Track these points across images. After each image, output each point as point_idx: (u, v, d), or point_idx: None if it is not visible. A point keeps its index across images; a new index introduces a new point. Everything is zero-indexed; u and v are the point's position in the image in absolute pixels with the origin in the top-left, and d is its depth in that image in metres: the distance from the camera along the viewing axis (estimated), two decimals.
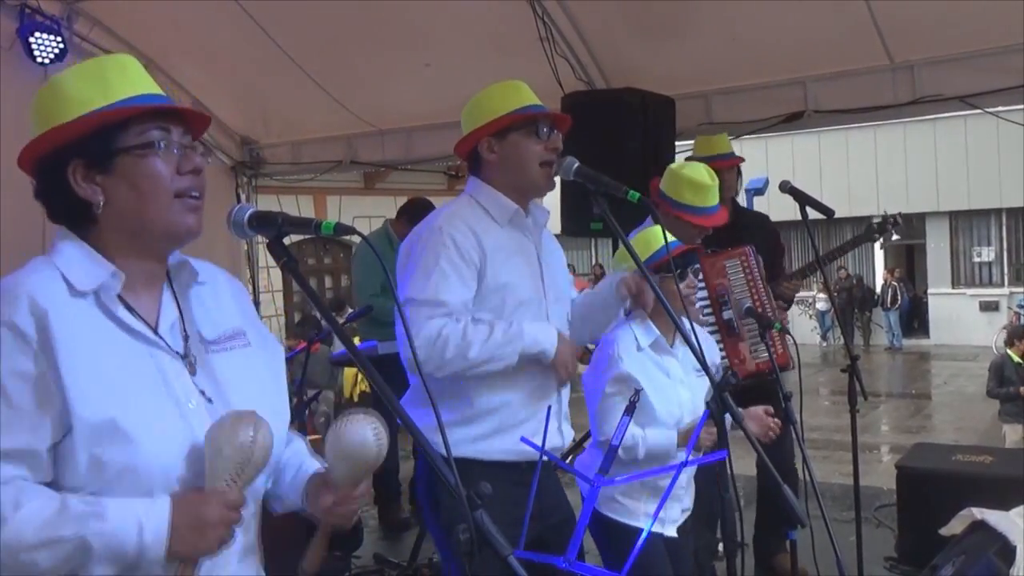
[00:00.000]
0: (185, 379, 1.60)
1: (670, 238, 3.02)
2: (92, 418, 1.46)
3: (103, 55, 1.70)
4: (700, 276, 3.82)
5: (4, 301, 1.48)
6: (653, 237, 3.07)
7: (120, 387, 1.51)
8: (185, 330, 1.66)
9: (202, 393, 1.61)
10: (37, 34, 5.16)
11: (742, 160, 4.61)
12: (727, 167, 4.44)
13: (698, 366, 3.07)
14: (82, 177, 1.58)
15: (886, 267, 22.65)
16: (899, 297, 21.70)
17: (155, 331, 1.62)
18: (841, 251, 4.81)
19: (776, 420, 3.19)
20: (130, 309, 1.60)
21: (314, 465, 1.77)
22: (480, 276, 2.66)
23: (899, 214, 4.56)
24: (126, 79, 1.61)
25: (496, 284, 2.67)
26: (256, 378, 1.70)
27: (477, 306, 2.66)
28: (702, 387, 3.10)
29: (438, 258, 2.61)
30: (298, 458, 1.80)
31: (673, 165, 3.68)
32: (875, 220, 4.56)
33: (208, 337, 1.69)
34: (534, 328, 2.66)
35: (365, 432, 1.57)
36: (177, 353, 1.62)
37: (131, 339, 1.58)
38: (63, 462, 1.48)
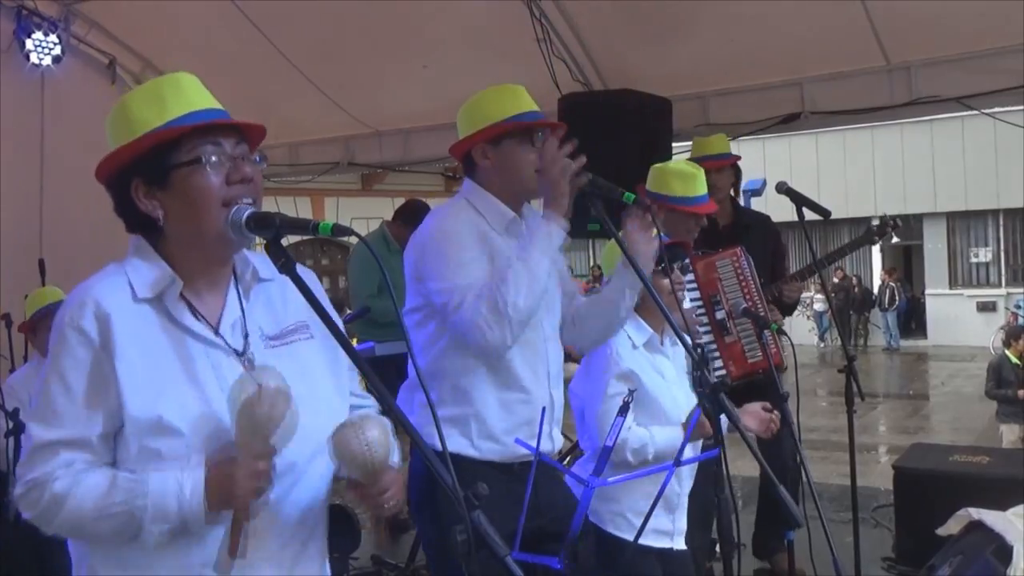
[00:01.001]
0: (240, 375, 1.68)
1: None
2: (140, 416, 1.63)
3: (163, 75, 1.79)
4: (692, 277, 3.83)
5: (74, 306, 1.66)
6: None
7: (169, 385, 1.65)
8: (246, 328, 1.76)
9: None
10: (34, 35, 5.16)
11: (737, 159, 4.58)
12: (715, 168, 4.43)
13: (688, 367, 3.07)
14: (143, 194, 1.71)
15: (884, 268, 22.67)
16: (897, 298, 21.72)
17: (216, 331, 1.73)
18: (840, 254, 4.80)
19: (776, 414, 3.19)
20: (193, 310, 1.73)
21: None
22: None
23: (898, 217, 4.57)
24: (181, 97, 1.72)
25: None
26: (314, 371, 1.79)
27: None
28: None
29: (458, 249, 2.59)
30: None
31: (655, 165, 3.67)
32: (874, 223, 4.55)
33: (269, 333, 1.79)
34: (536, 241, 2.60)
35: (351, 443, 1.65)
36: (235, 351, 1.73)
37: (189, 339, 1.71)
38: (120, 448, 1.66)
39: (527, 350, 2.71)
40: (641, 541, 2.83)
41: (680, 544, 3.05)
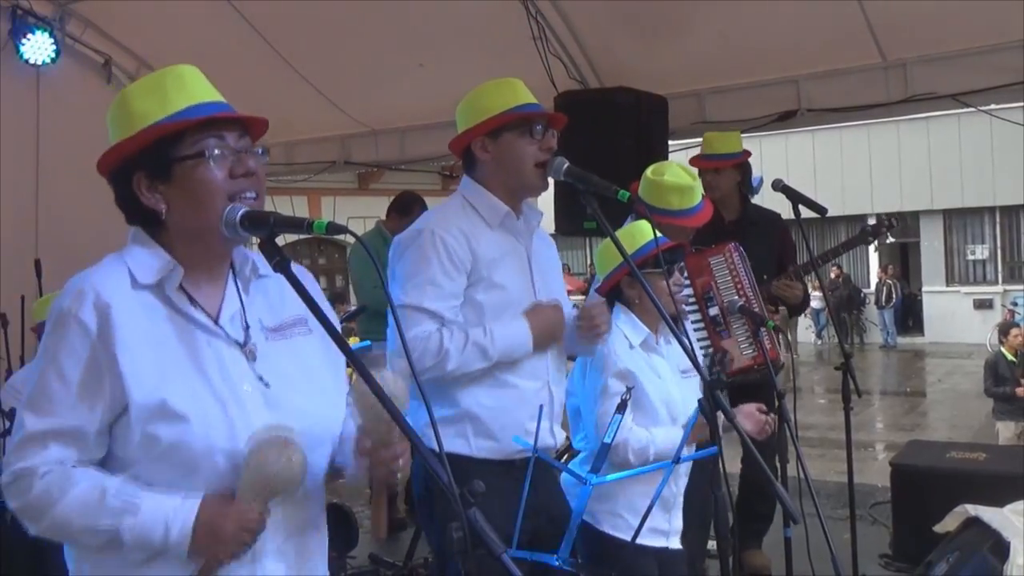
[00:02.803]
0: (242, 365, 1.71)
1: (652, 236, 3.00)
2: (144, 400, 1.61)
3: (165, 67, 1.78)
4: (685, 273, 3.82)
5: (72, 295, 1.65)
6: (638, 232, 3.01)
7: (173, 371, 1.65)
8: (246, 320, 1.76)
9: (260, 379, 1.72)
10: (29, 35, 5.14)
11: (739, 158, 4.48)
12: (713, 168, 4.40)
13: (683, 366, 3.05)
14: (146, 188, 1.70)
15: (880, 265, 22.67)
16: (893, 295, 21.73)
17: (216, 322, 1.73)
18: (835, 253, 4.74)
19: (772, 416, 3.18)
20: (192, 300, 1.72)
21: None
22: (470, 279, 2.67)
23: (894, 216, 4.53)
24: (183, 90, 1.72)
25: (486, 287, 2.68)
26: (313, 364, 1.80)
27: (467, 309, 2.67)
28: (689, 387, 3.06)
29: (429, 263, 2.62)
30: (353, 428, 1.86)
31: (649, 172, 3.56)
32: (870, 222, 4.50)
33: (269, 325, 1.79)
34: (506, 337, 2.66)
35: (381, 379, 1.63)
36: (236, 342, 1.73)
37: (190, 327, 1.70)
38: (119, 437, 1.65)
39: None
40: (638, 540, 2.80)
41: (676, 543, 3.03)
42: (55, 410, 1.62)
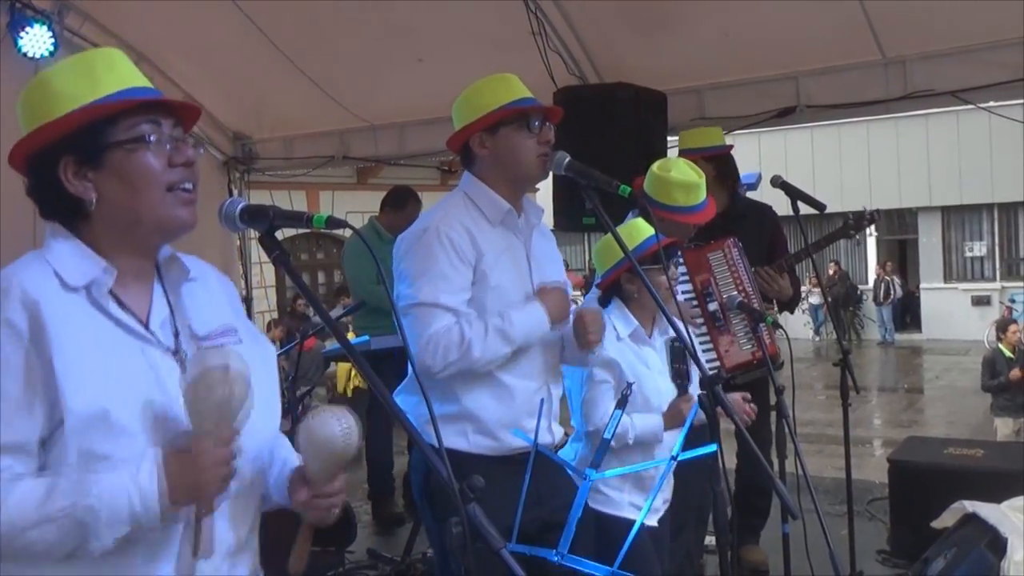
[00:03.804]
0: (176, 376, 1.58)
1: (650, 232, 3.03)
2: (84, 410, 1.46)
3: (90, 49, 1.68)
4: (684, 270, 3.82)
5: None
6: (635, 230, 3.06)
7: (112, 380, 1.50)
8: (176, 326, 1.65)
9: None
10: (27, 29, 5.13)
11: (719, 151, 4.45)
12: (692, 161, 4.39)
13: (668, 358, 3.09)
14: (73, 174, 1.57)
15: (878, 262, 22.68)
16: (892, 292, 21.75)
17: (146, 327, 1.61)
18: (816, 247, 4.68)
19: (753, 406, 3.21)
20: (121, 304, 1.59)
21: (296, 460, 1.73)
22: (474, 275, 2.68)
23: (876, 210, 4.51)
24: (114, 73, 1.60)
25: (485, 285, 2.69)
26: None
27: (470, 306, 2.68)
28: None
29: (437, 259, 2.63)
30: (283, 453, 1.77)
31: (655, 168, 3.58)
32: (850, 215, 4.43)
33: (199, 333, 1.68)
34: (524, 319, 2.69)
35: (331, 427, 1.55)
36: (168, 349, 1.61)
37: (123, 334, 1.57)
38: (53, 455, 1.48)
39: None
40: (619, 514, 2.99)
41: (652, 521, 3.06)
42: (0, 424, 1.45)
